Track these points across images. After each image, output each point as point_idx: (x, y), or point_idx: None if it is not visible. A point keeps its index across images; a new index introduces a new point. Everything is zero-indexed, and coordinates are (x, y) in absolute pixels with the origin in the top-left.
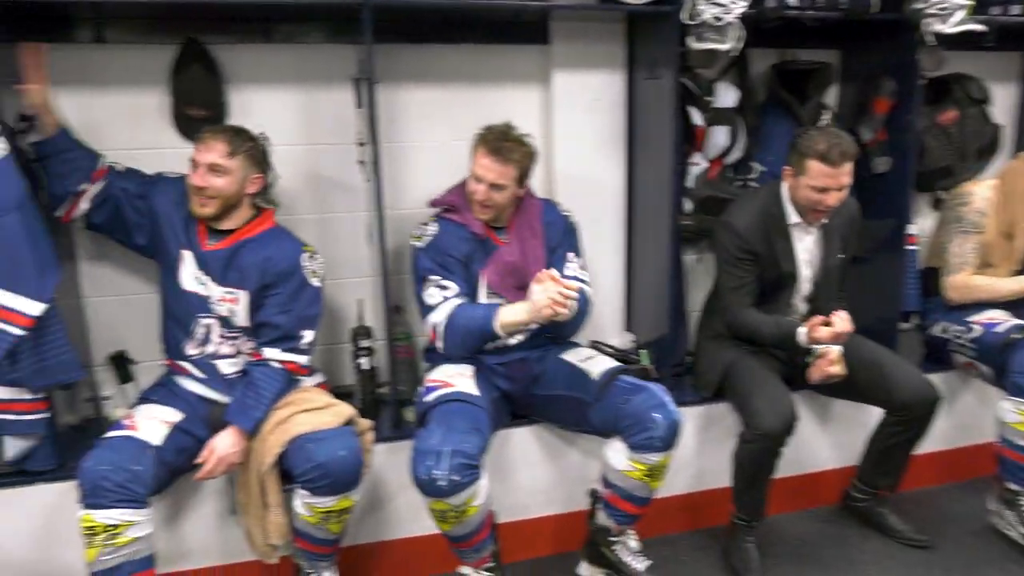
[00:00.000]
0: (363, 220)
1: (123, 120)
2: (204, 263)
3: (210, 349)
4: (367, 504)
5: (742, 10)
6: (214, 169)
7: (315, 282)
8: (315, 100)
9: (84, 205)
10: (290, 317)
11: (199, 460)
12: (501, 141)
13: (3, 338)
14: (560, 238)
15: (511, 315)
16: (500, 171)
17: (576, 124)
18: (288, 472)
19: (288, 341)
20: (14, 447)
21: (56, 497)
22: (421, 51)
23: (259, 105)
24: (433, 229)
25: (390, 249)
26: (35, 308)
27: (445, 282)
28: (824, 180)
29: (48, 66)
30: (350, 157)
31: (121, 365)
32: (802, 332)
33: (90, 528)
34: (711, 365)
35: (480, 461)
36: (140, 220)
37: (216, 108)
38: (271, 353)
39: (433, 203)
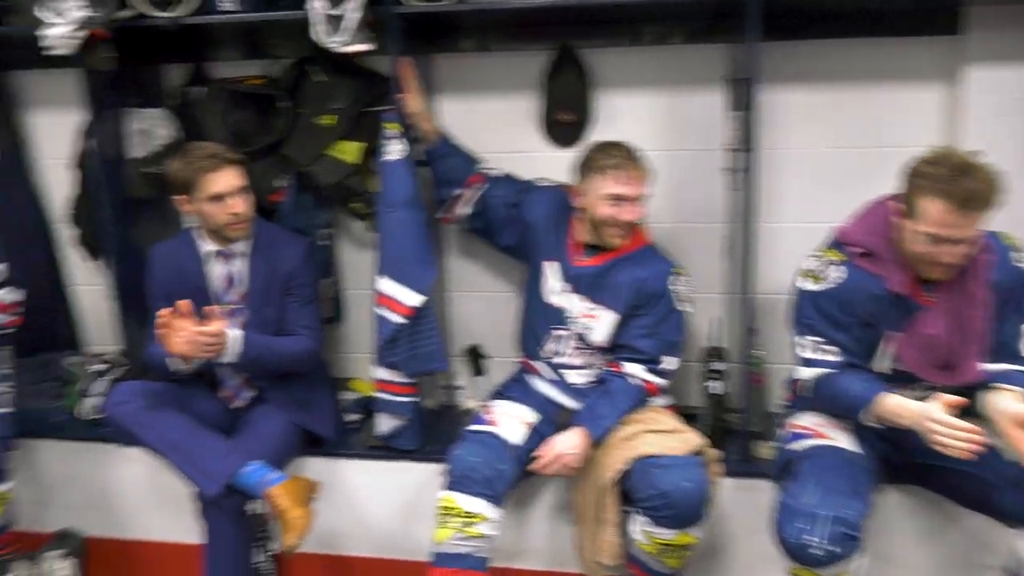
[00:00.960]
0: (721, 232)
1: (498, 125)
2: (571, 277)
3: (561, 359)
4: (707, 542)
5: None
6: (638, 200)
7: (683, 307)
8: (679, 103)
9: (463, 209)
10: (654, 342)
11: (536, 453)
12: (969, 186)
13: (387, 324)
14: (1009, 296)
15: (894, 409)
16: (968, 226)
17: (994, 131)
18: (628, 493)
19: (650, 364)
20: (386, 424)
21: (416, 475)
22: (802, 48)
23: (624, 109)
24: (837, 274)
25: (752, 265)
26: (415, 299)
27: (828, 347)
28: None
29: (429, 76)
30: (712, 164)
31: (475, 358)
32: None
33: (448, 509)
34: None
35: (862, 532)
36: (511, 226)
37: (584, 112)
38: (632, 369)
39: (845, 239)
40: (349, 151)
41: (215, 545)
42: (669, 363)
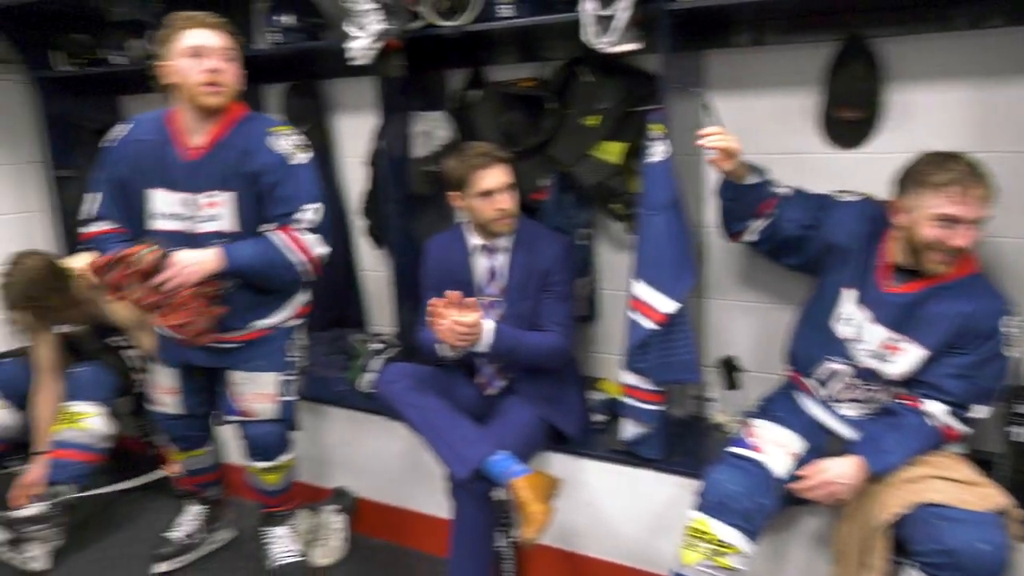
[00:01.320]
0: None
1: (772, 124)
2: (875, 304)
3: (832, 392)
4: None
5: None
6: (973, 224)
7: (1010, 352)
8: (995, 98)
9: (750, 237)
10: (966, 385)
11: (801, 473)
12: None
13: (638, 329)
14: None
15: None
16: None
17: None
18: (902, 541)
19: (956, 408)
20: (631, 430)
21: (657, 485)
22: None
23: (923, 105)
24: None
25: None
26: (669, 306)
27: None
28: None
29: (699, 73)
30: None
31: (730, 371)
32: None
33: (700, 533)
34: None
35: None
36: (805, 246)
37: (872, 109)
38: (933, 408)
39: None
40: (612, 151)
41: (461, 524)
42: (978, 411)
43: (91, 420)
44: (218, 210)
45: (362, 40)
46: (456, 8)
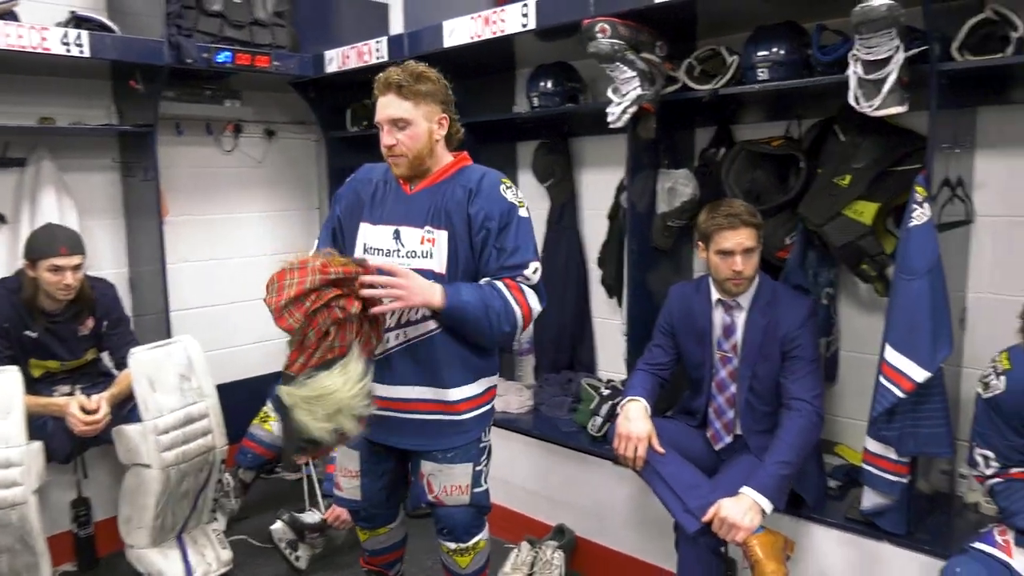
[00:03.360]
0: None
1: None
2: None
3: None
4: None
5: None
6: None
7: None
8: None
9: None
10: None
11: None
12: None
13: (886, 396)
14: None
15: None
16: None
17: None
18: None
19: None
20: (871, 500)
21: (899, 562)
22: None
23: None
24: None
25: None
26: (921, 375)
27: None
28: None
29: (968, 131)
30: None
31: None
32: None
33: None
34: None
35: None
36: None
37: None
38: None
39: None
40: (865, 212)
41: None
42: None
43: (274, 424)
44: (429, 247)
45: (620, 105)
46: (712, 72)
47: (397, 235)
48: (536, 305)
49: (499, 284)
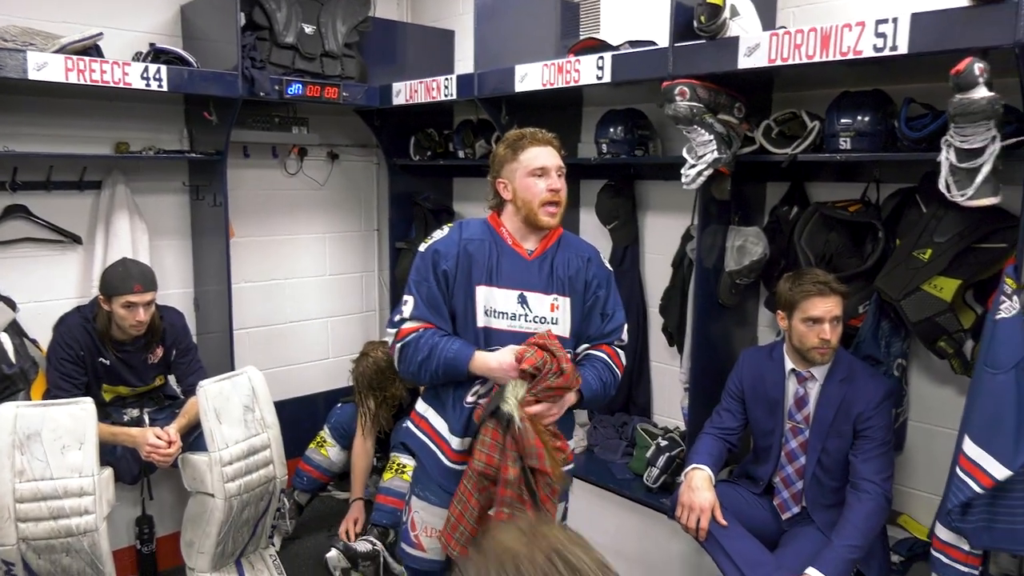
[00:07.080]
0: None
1: None
2: None
3: None
4: None
5: None
6: None
7: None
8: None
9: None
10: None
11: None
12: None
13: (963, 489)
14: None
15: None
16: None
17: None
18: None
19: None
20: None
21: None
22: None
23: None
24: None
25: None
26: (1002, 473)
27: None
28: None
29: None
30: None
31: None
32: None
33: None
34: None
35: None
36: None
37: None
38: None
39: None
40: (946, 288)
41: None
42: None
43: (330, 449)
44: (557, 314)
45: (695, 168)
46: (789, 134)
47: (523, 300)
48: (626, 361)
49: (603, 356)
